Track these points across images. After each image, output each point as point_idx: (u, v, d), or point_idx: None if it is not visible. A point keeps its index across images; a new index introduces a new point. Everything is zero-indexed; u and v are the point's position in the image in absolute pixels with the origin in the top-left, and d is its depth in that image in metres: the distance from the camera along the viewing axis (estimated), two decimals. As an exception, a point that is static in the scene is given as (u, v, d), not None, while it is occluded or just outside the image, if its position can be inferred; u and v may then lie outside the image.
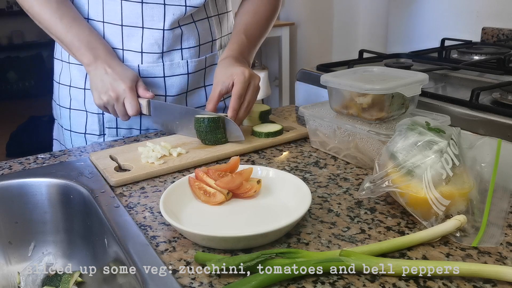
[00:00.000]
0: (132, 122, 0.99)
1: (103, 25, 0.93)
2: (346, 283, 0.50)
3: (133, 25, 0.92)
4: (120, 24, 0.92)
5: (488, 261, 0.53)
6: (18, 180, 0.75)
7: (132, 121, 0.98)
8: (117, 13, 0.92)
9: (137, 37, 0.93)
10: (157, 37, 0.93)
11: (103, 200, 0.69)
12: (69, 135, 1.03)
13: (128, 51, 0.94)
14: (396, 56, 1.27)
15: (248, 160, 0.83)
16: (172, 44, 0.95)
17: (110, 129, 0.99)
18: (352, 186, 0.72)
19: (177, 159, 0.80)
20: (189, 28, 0.96)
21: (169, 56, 0.96)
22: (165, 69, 0.96)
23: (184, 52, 0.97)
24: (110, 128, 0.99)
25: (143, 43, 0.93)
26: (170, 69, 0.96)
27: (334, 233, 0.59)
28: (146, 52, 0.94)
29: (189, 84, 1.00)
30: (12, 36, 5.15)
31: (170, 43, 0.95)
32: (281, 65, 3.24)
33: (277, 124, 0.93)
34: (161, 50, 0.94)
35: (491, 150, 0.62)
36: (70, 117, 1.02)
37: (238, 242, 0.56)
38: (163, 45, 0.94)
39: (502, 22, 1.58)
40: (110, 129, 0.99)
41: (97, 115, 0.98)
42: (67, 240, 0.75)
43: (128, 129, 1.00)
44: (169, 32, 0.93)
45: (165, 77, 0.96)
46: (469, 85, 1.01)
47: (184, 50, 0.97)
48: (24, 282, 0.67)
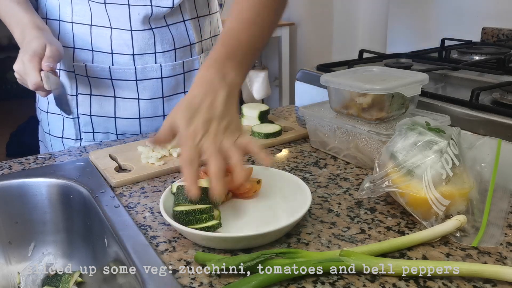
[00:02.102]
0: (109, 126, 0.98)
1: (72, 25, 0.93)
2: (346, 283, 0.50)
3: (101, 25, 0.92)
4: (89, 24, 0.92)
5: (488, 261, 0.53)
6: (18, 180, 0.75)
7: (108, 125, 0.98)
8: (86, 14, 0.91)
9: (106, 37, 0.92)
10: (126, 37, 0.92)
11: (103, 200, 0.69)
12: (49, 139, 1.04)
13: (98, 52, 0.93)
14: (396, 56, 1.27)
15: (248, 160, 0.83)
16: (144, 47, 0.93)
17: (87, 133, 0.99)
18: (352, 186, 0.72)
19: (177, 160, 0.80)
20: (162, 31, 0.94)
21: (141, 60, 0.94)
22: (137, 73, 0.94)
23: (158, 56, 0.95)
24: (86, 133, 0.99)
25: (112, 44, 0.92)
26: (142, 72, 0.95)
27: (334, 233, 0.59)
28: (116, 53, 0.93)
29: (164, 89, 0.97)
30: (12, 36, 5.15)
31: (141, 45, 0.93)
32: (281, 65, 3.24)
33: (276, 124, 0.93)
34: (131, 52, 0.93)
35: (491, 150, 0.62)
36: (48, 120, 1.02)
37: (238, 242, 0.56)
38: (133, 46, 0.92)
39: (502, 22, 1.58)
40: (87, 134, 0.99)
41: (72, 119, 0.98)
42: (67, 240, 0.75)
43: (104, 133, 0.99)
44: (138, 33, 0.92)
45: (137, 81, 0.95)
46: (469, 85, 1.01)
47: (158, 54, 0.94)
48: (24, 282, 0.67)
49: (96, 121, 0.98)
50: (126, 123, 0.98)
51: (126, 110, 0.97)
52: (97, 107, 0.97)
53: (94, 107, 0.97)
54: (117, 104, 0.97)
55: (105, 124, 0.98)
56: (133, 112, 0.97)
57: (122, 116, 0.98)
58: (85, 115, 0.97)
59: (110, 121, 0.97)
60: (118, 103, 0.97)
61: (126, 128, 0.99)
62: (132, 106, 0.97)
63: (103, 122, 0.98)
